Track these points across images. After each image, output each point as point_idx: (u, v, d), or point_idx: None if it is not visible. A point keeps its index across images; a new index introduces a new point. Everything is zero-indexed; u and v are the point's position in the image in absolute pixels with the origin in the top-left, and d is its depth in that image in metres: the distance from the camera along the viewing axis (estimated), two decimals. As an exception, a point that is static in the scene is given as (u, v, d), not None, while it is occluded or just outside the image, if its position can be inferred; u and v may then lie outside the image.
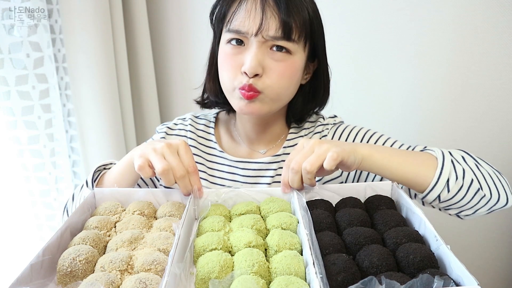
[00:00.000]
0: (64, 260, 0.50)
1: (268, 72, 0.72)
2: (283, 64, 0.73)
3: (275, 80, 0.73)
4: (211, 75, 0.84)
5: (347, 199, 0.64)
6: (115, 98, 1.28)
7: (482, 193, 0.66)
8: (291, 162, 0.64)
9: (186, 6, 1.43)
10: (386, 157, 0.67)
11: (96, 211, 0.64)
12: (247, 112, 0.76)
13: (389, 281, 0.41)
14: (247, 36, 0.72)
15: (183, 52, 1.49)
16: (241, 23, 0.71)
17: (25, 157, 1.12)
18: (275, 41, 0.71)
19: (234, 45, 0.73)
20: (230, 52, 0.74)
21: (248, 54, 0.72)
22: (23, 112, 1.09)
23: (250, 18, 0.71)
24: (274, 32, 0.70)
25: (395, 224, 0.56)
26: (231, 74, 0.74)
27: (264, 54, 0.72)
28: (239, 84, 0.73)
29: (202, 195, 0.67)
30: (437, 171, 0.66)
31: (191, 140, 0.89)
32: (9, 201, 1.14)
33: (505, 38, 1.11)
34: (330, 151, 0.60)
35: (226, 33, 0.75)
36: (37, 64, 1.09)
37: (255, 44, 0.71)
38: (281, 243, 0.53)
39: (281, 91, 0.75)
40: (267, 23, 0.70)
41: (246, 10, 0.71)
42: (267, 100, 0.75)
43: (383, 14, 1.22)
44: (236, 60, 0.73)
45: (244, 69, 0.71)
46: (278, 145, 0.88)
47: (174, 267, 0.47)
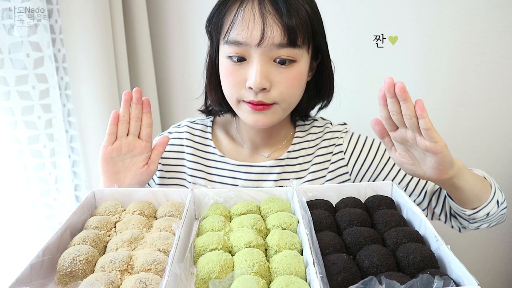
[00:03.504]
0: (64, 260, 0.50)
1: (276, 85, 0.69)
2: (290, 74, 0.69)
3: (285, 92, 0.70)
4: (212, 85, 0.80)
5: (347, 199, 0.64)
6: (115, 98, 1.27)
7: (505, 213, 0.75)
8: None
9: (186, 6, 1.43)
10: (472, 176, 0.68)
11: (96, 211, 0.64)
12: (257, 125, 0.73)
13: (389, 281, 0.41)
14: (248, 47, 0.67)
15: (183, 52, 1.49)
16: (240, 34, 0.66)
17: (25, 157, 1.12)
18: (280, 49, 0.66)
19: (235, 61, 0.69)
20: (231, 68, 0.70)
21: (251, 69, 0.67)
22: (23, 112, 1.08)
23: (249, 28, 0.65)
24: (279, 40, 0.65)
25: (395, 224, 0.56)
26: (235, 89, 0.71)
27: (268, 66, 0.68)
28: (244, 98, 0.71)
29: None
30: (492, 191, 0.71)
31: (188, 148, 0.87)
32: (9, 201, 1.14)
33: (506, 38, 1.11)
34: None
35: (225, 45, 0.70)
36: (37, 64, 1.09)
37: (258, 57, 0.67)
38: (281, 243, 0.53)
39: (292, 100, 0.73)
40: (269, 31, 0.65)
41: (244, 19, 0.66)
42: (278, 111, 0.73)
43: (384, 13, 1.22)
44: (239, 75, 0.69)
45: (249, 84, 0.68)
46: (283, 148, 0.85)
47: (174, 267, 0.47)
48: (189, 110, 1.53)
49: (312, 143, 0.85)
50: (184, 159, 0.87)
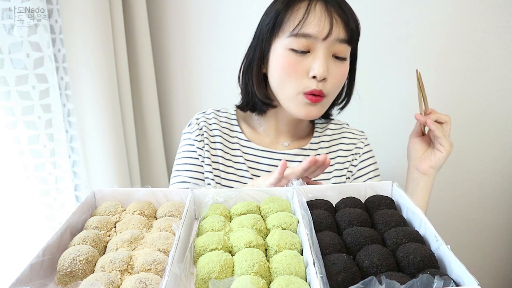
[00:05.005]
0: (64, 260, 0.50)
1: (331, 76, 0.78)
2: (342, 70, 0.80)
3: (337, 84, 0.80)
4: (258, 78, 0.86)
5: (347, 199, 0.64)
6: (115, 98, 1.27)
7: None
8: None
9: (186, 6, 1.43)
10: None
11: (96, 211, 0.64)
12: (308, 116, 0.81)
13: (389, 281, 0.41)
14: (315, 40, 0.75)
15: (184, 52, 1.49)
16: (312, 28, 0.75)
17: (25, 157, 1.12)
18: (341, 44, 0.76)
19: (298, 53, 0.77)
20: (294, 59, 0.77)
21: (316, 59, 0.76)
22: (23, 112, 1.08)
23: (320, 23, 0.75)
24: (343, 36, 0.76)
25: (395, 224, 0.56)
26: (295, 80, 0.78)
27: (328, 59, 0.77)
28: (305, 88, 0.78)
29: None
30: None
31: (215, 131, 0.92)
32: (9, 201, 1.14)
33: (506, 38, 1.11)
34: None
35: (290, 38, 0.77)
36: (37, 64, 1.09)
37: (323, 50, 0.76)
38: (281, 243, 0.53)
39: (336, 94, 0.84)
40: (335, 28, 0.75)
41: (316, 16, 0.75)
42: (325, 104, 0.82)
43: (383, 13, 1.22)
44: (301, 66, 0.77)
45: (314, 73, 0.76)
46: (303, 139, 0.95)
47: (174, 267, 0.47)
48: (190, 110, 1.53)
49: (329, 138, 0.95)
50: (209, 145, 0.90)
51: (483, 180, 1.27)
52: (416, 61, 1.23)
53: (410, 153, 0.89)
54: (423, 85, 0.84)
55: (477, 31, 1.13)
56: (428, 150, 0.86)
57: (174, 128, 1.59)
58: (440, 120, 0.83)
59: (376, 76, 1.29)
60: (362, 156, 0.94)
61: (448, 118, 0.83)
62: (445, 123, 0.83)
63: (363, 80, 1.32)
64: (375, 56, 1.27)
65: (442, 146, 0.82)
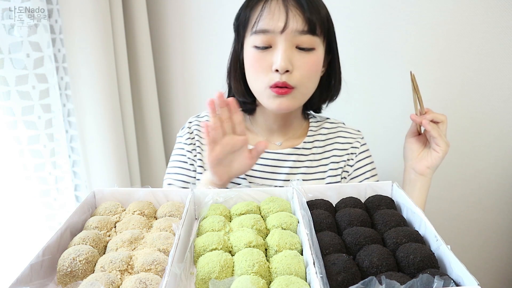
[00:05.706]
0: (64, 260, 0.50)
1: (297, 68, 0.78)
2: (309, 60, 0.79)
3: (305, 75, 0.79)
4: (236, 78, 0.88)
5: (347, 199, 0.64)
6: (115, 98, 1.27)
7: None
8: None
9: (186, 6, 1.43)
10: None
11: (96, 211, 0.64)
12: (278, 109, 0.81)
13: (389, 281, 0.41)
14: (274, 34, 0.76)
15: (183, 52, 1.49)
16: (267, 23, 0.76)
17: (25, 157, 1.12)
18: (302, 35, 0.76)
19: (261, 49, 0.78)
20: (258, 56, 0.79)
21: (277, 53, 0.77)
22: (23, 112, 1.08)
23: (274, 17, 0.76)
24: (301, 27, 0.75)
25: (395, 224, 0.56)
26: (261, 75, 0.79)
27: (291, 51, 0.77)
28: (270, 82, 0.78)
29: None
30: None
31: None
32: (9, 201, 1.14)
33: (506, 39, 1.11)
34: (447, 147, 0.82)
35: (252, 35, 0.78)
36: (37, 64, 1.09)
37: (282, 43, 0.76)
38: (281, 243, 0.53)
39: (310, 85, 0.82)
40: (292, 20, 0.75)
41: (270, 11, 0.76)
42: (298, 96, 0.81)
43: (383, 13, 1.22)
44: (265, 61, 0.78)
45: (275, 67, 0.76)
46: (296, 138, 0.93)
47: (174, 267, 0.47)
48: (190, 110, 1.53)
49: (324, 137, 0.94)
50: (200, 147, 0.91)
51: (483, 180, 1.27)
52: (416, 61, 1.22)
53: (406, 153, 0.89)
54: (417, 86, 0.83)
55: (477, 31, 1.13)
56: (425, 150, 0.86)
57: (174, 128, 1.59)
58: (436, 120, 0.82)
59: (375, 76, 1.29)
60: (358, 156, 0.93)
61: (444, 117, 0.83)
62: (441, 122, 0.83)
63: (362, 80, 1.33)
64: (375, 56, 1.27)
65: (438, 146, 0.81)
